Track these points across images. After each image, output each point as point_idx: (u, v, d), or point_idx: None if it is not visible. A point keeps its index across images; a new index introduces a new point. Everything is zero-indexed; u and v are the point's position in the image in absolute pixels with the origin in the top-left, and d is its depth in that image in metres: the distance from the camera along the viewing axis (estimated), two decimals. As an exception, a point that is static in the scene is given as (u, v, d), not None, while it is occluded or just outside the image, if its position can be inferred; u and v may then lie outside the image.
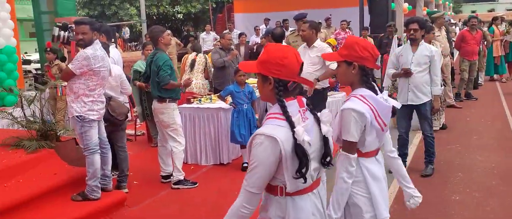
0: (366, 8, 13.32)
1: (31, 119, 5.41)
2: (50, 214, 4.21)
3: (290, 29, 11.52)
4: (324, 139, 2.04)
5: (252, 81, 6.88)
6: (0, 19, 7.54)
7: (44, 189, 4.40)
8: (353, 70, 2.42)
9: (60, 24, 4.72)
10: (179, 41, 14.38)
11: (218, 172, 5.85)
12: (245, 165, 5.88)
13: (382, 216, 2.44)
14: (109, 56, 4.74)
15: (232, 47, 7.92)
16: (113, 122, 4.91)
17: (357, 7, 13.79)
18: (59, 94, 7.46)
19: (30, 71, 13.75)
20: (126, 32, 23.95)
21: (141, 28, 18.48)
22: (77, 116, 4.27)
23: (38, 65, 12.31)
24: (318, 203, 2.07)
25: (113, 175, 5.03)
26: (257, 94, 5.58)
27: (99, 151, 4.37)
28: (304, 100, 2.04)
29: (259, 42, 11.81)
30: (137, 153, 6.80)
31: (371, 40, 10.78)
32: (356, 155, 2.40)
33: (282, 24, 12.84)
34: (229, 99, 5.89)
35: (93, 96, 4.30)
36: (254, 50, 10.52)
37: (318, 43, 5.65)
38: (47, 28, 11.99)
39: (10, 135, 5.30)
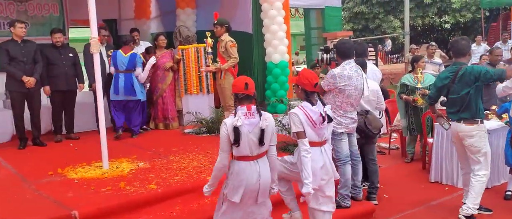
0: None
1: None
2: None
3: None
4: (262, 130, 3.35)
5: None
6: (278, 38, 8.63)
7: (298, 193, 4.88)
8: (300, 90, 3.79)
9: (323, 48, 5.18)
10: (444, 54, 13.68)
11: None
12: (508, 193, 5.31)
13: (305, 188, 3.56)
14: (365, 72, 4.92)
15: (502, 62, 7.18)
16: (368, 135, 5.09)
17: None
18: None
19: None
20: (388, 45, 24.05)
21: (404, 40, 18.30)
22: (328, 128, 4.68)
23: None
24: (257, 168, 3.42)
25: (363, 186, 5.23)
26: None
27: (350, 162, 4.63)
28: (253, 107, 3.41)
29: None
30: (390, 166, 6.86)
31: None
32: (307, 139, 3.63)
33: None
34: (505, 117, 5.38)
35: (340, 111, 4.56)
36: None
37: None
38: (315, 42, 13.06)
39: (280, 140, 6.08)
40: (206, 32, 7.29)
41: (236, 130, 3.29)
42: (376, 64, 14.30)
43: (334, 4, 12.80)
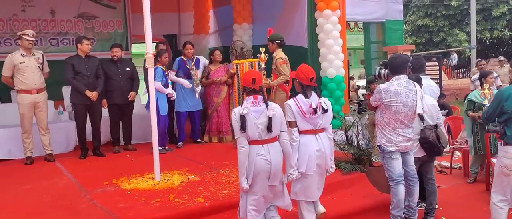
0: None
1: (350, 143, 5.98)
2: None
3: None
4: (269, 119, 3.70)
5: None
6: (333, 52, 8.51)
7: (351, 210, 4.77)
8: (297, 83, 4.17)
9: (382, 63, 5.05)
10: (513, 68, 12.91)
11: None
12: None
13: (299, 168, 3.97)
14: (421, 87, 4.71)
15: None
16: (435, 151, 4.81)
17: None
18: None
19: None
20: (454, 59, 23.09)
21: (470, 54, 17.49)
22: (378, 145, 4.49)
23: (365, 91, 13.24)
24: (267, 152, 3.74)
25: (420, 206, 4.99)
26: None
27: (402, 182, 4.43)
28: (259, 96, 3.79)
29: None
30: (450, 187, 6.51)
31: None
32: (296, 129, 4.00)
33: None
34: None
35: (389, 128, 4.39)
36: None
37: None
38: (375, 56, 12.78)
39: (331, 156, 5.97)
40: (261, 48, 7.33)
41: (242, 118, 3.67)
42: (440, 79, 13.75)
43: (395, 18, 12.48)
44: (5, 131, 6.88)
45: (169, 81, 7.10)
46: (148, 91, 7.01)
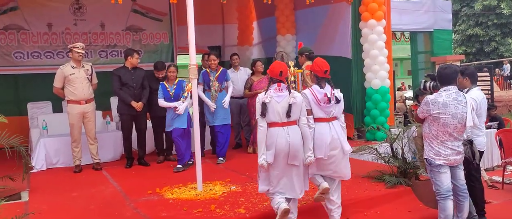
0: None
1: (397, 155, 5.81)
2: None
3: None
4: (290, 105, 4.11)
5: None
6: (378, 62, 8.37)
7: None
8: (313, 75, 4.53)
9: (428, 75, 4.90)
10: None
11: None
12: None
13: (317, 155, 4.27)
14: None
15: None
16: (471, 167, 4.63)
17: None
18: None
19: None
20: (507, 69, 22.17)
21: (525, 64, 16.78)
22: (425, 158, 4.33)
23: (411, 102, 12.92)
24: (286, 134, 4.12)
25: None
26: None
27: (451, 197, 4.25)
28: (282, 84, 4.23)
29: None
30: (502, 202, 6.18)
31: None
32: (312, 116, 4.30)
33: None
34: None
35: (437, 141, 4.23)
36: None
37: None
38: (422, 67, 12.48)
39: (375, 168, 5.84)
40: (290, 61, 7.26)
41: (264, 105, 4.11)
42: (491, 90, 13.22)
43: (444, 27, 12.19)
44: (57, 140, 7.15)
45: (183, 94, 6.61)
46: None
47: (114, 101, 8.09)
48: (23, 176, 5.62)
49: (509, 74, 21.83)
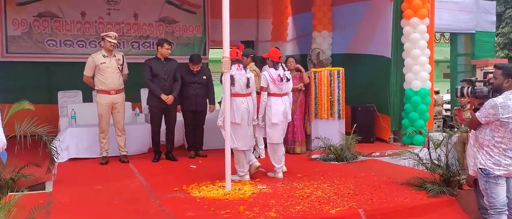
0: None
1: (436, 162, 5.42)
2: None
3: None
4: (247, 79, 5.56)
5: None
6: (420, 63, 7.95)
7: None
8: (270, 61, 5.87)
9: (464, 80, 4.46)
10: None
11: None
12: None
13: (271, 121, 5.70)
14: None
15: None
16: None
17: None
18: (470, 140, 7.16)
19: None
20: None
21: None
22: (480, 168, 3.91)
23: (448, 106, 12.37)
24: (245, 101, 5.54)
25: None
26: None
27: (506, 212, 3.85)
28: (241, 65, 5.64)
29: None
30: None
31: None
32: (266, 93, 5.67)
33: None
34: None
35: (498, 149, 3.83)
36: None
37: None
38: (461, 70, 11.90)
39: (415, 175, 5.44)
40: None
41: (232, 77, 5.28)
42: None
43: (486, 29, 11.59)
44: (85, 130, 7.04)
45: None
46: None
47: (144, 93, 7.94)
48: (48, 167, 5.51)
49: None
